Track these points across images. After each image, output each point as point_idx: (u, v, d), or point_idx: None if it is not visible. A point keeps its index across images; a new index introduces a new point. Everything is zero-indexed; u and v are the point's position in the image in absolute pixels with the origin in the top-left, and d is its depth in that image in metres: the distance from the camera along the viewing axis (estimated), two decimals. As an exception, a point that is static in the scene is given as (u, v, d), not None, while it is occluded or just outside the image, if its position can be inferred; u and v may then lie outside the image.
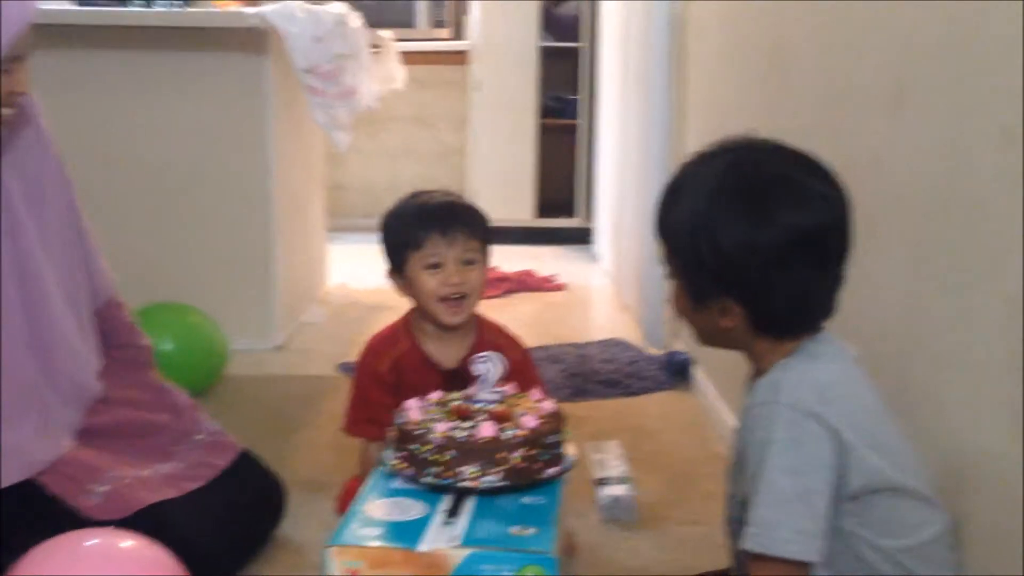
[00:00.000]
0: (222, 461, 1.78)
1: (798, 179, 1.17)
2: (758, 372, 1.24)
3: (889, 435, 1.17)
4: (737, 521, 1.23)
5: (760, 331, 1.20)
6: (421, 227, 1.77)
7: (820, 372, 1.16)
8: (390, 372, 1.82)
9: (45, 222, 1.61)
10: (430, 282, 1.77)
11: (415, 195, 1.86)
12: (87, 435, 1.66)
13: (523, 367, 1.82)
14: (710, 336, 1.26)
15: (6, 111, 1.47)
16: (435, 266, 1.77)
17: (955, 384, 1.23)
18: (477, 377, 1.76)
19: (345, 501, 1.84)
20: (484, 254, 1.82)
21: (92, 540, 1.28)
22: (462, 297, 1.78)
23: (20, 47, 1.44)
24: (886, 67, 1.45)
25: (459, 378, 1.78)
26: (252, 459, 1.86)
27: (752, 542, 1.12)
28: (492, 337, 1.87)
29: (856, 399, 1.16)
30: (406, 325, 1.87)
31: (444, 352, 1.84)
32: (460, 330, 1.84)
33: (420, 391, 1.77)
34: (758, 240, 1.14)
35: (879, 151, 1.46)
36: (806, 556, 1.10)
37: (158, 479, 1.65)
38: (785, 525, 1.10)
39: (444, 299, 1.77)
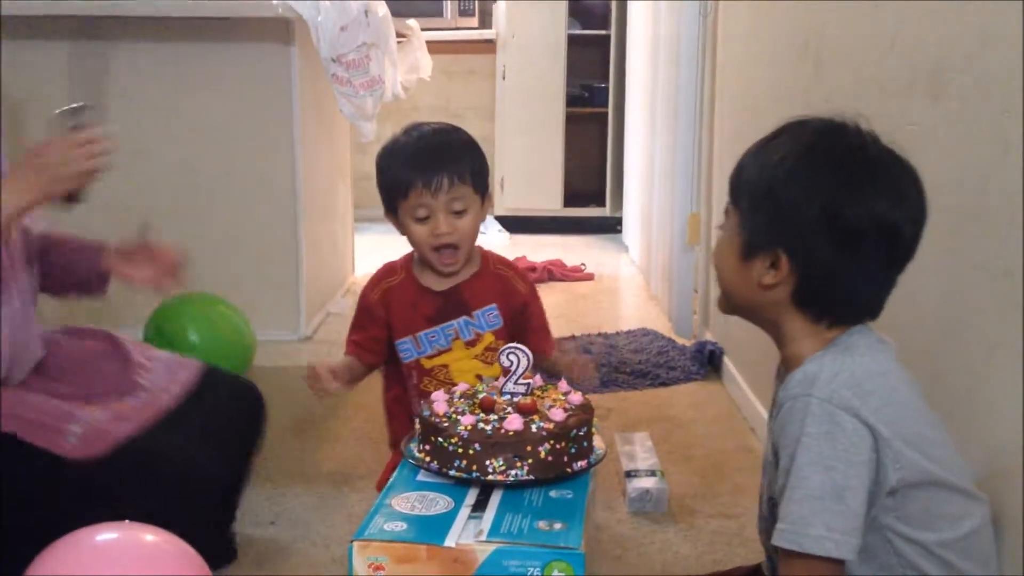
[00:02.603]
0: (186, 377, 1.77)
1: (900, 173, 1.15)
2: (785, 361, 1.21)
3: (927, 429, 1.13)
4: (770, 519, 1.20)
5: (799, 304, 1.17)
6: (405, 175, 1.69)
7: (856, 365, 1.12)
8: (379, 303, 1.78)
9: None
10: (420, 232, 1.70)
11: (409, 130, 1.79)
12: (42, 377, 1.63)
13: (530, 300, 1.78)
14: (743, 299, 1.21)
15: None
16: (424, 218, 1.70)
17: (992, 374, 1.20)
18: (470, 303, 1.72)
19: (385, 482, 1.82)
20: (477, 198, 1.73)
21: (111, 535, 1.27)
22: (454, 247, 1.72)
23: None
24: (923, 54, 1.41)
25: (453, 300, 1.75)
26: (217, 370, 1.85)
27: (783, 539, 1.09)
28: (497, 268, 1.81)
29: (893, 392, 1.12)
30: (406, 259, 1.82)
31: (441, 281, 1.77)
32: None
33: (413, 318, 1.75)
34: (842, 213, 1.11)
35: (916, 139, 1.42)
36: (840, 554, 1.07)
37: (128, 410, 1.63)
38: (818, 522, 1.07)
39: (436, 248, 1.71)
